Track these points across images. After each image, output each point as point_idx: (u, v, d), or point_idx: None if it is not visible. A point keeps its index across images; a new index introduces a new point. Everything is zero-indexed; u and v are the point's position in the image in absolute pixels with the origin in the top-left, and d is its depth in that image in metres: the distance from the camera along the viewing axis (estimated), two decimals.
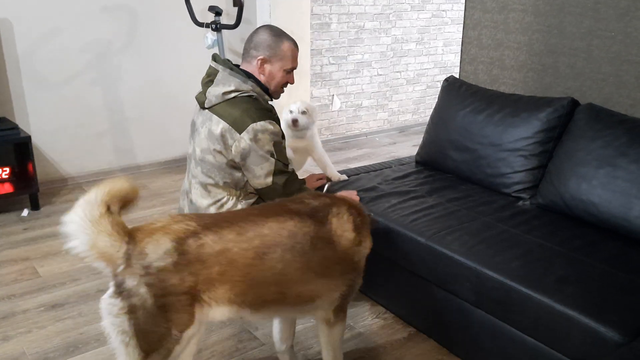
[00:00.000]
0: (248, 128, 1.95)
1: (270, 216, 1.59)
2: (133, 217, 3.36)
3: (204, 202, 2.08)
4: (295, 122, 2.60)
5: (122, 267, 1.38)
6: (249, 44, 2.09)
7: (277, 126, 2.03)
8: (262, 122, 1.96)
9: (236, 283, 1.49)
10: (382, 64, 5.34)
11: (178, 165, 4.28)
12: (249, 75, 2.06)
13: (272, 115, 2.04)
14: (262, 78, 2.09)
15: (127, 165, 4.14)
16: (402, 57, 5.48)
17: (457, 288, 1.99)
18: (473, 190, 2.51)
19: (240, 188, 2.07)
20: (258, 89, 2.06)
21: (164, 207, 3.53)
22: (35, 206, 3.43)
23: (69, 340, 2.20)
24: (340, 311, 1.77)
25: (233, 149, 1.97)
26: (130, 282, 1.37)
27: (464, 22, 3.22)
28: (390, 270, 2.28)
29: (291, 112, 2.64)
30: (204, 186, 2.07)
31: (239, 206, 2.06)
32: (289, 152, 2.41)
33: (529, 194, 2.40)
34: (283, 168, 2.03)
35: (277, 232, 1.56)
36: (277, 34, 2.09)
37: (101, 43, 3.80)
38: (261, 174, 2.00)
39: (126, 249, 1.39)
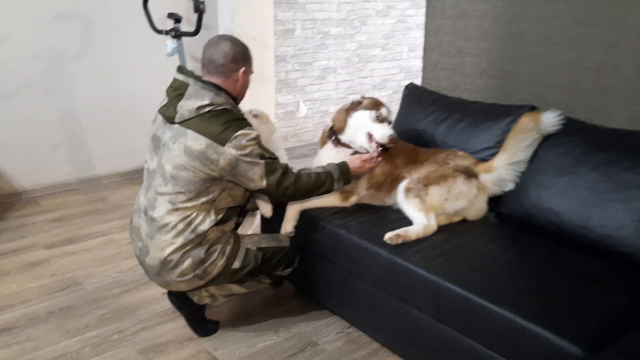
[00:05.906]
0: (231, 139, 1.93)
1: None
2: (91, 231, 3.24)
3: (171, 218, 2.02)
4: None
5: None
6: (225, 58, 2.04)
7: (255, 130, 2.03)
8: (242, 131, 1.96)
9: None
10: (347, 69, 5.32)
11: (139, 175, 4.15)
12: (219, 88, 2.04)
13: (248, 123, 2.04)
14: (237, 86, 2.10)
15: (85, 176, 4.00)
16: (368, 63, 5.46)
17: (418, 302, 1.95)
18: None
19: (211, 202, 2.04)
20: (231, 101, 2.06)
21: (123, 220, 3.41)
22: None
23: None
24: None
25: (220, 161, 1.95)
26: None
27: (425, 28, 3.21)
28: (352, 285, 2.23)
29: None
30: (174, 203, 2.02)
31: (207, 221, 2.03)
32: None
33: (491, 204, 2.38)
34: (273, 166, 2.02)
35: None
36: (242, 42, 2.12)
37: (54, 51, 3.66)
38: (255, 177, 2.00)
39: None
